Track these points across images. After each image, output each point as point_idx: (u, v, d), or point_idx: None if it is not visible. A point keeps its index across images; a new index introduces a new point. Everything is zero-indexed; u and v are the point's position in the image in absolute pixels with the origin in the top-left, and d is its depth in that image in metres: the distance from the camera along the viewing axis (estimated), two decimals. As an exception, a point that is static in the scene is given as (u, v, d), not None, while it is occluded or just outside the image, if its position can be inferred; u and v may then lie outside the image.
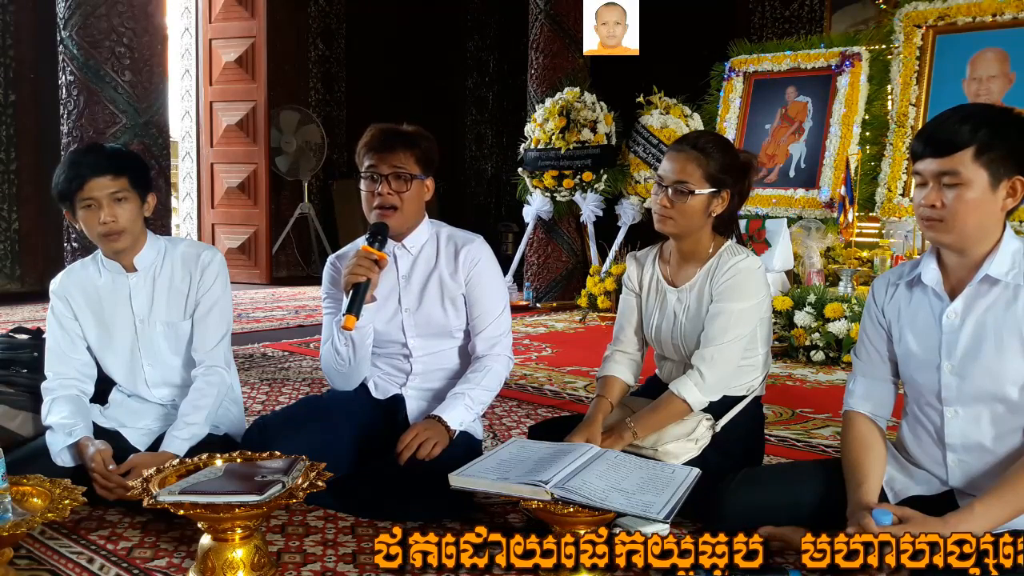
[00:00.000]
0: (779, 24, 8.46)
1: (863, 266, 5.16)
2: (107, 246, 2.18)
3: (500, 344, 2.28)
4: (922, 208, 1.62)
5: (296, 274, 8.84)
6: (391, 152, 2.16)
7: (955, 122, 1.58)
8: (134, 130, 3.81)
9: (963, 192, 1.56)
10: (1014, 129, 1.58)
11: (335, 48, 9.37)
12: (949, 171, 1.57)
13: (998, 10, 5.20)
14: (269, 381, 3.80)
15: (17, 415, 2.29)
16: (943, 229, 1.61)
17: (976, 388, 1.64)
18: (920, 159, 1.63)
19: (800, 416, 3.27)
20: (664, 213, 2.15)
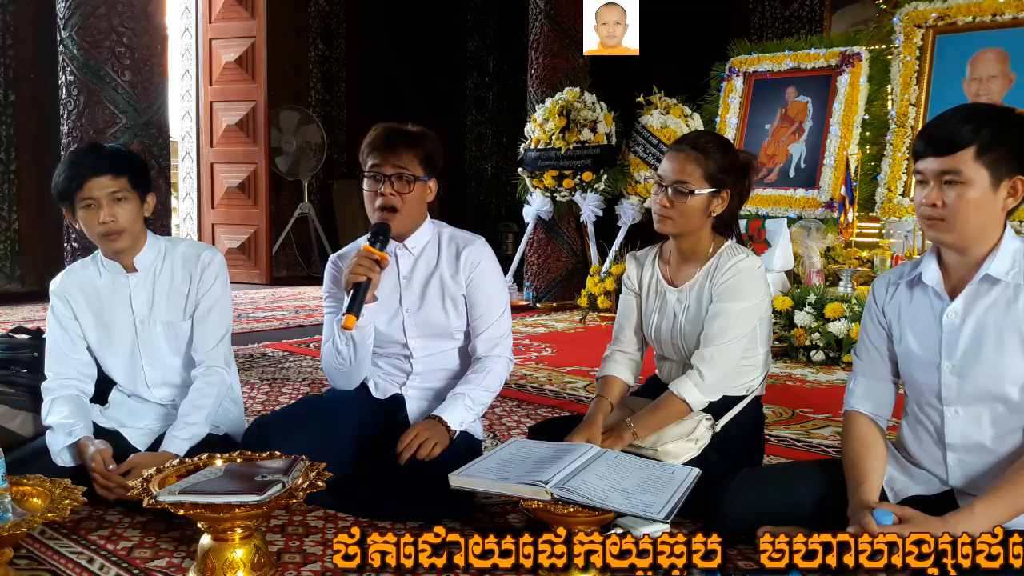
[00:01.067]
0: (779, 24, 8.45)
1: (863, 266, 5.16)
2: (107, 246, 2.18)
3: (500, 345, 2.28)
4: (923, 207, 1.62)
5: (296, 274, 8.84)
6: (394, 152, 2.15)
7: (957, 121, 1.58)
8: (134, 130, 3.81)
9: (964, 191, 1.57)
10: (1016, 129, 1.58)
11: (335, 48, 9.37)
12: (951, 170, 1.57)
13: (998, 10, 5.20)
14: (269, 381, 3.80)
15: (17, 415, 2.29)
16: (944, 228, 1.61)
17: (976, 388, 1.64)
18: (922, 158, 1.63)
19: (800, 416, 3.27)
20: (664, 213, 2.15)
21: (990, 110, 1.63)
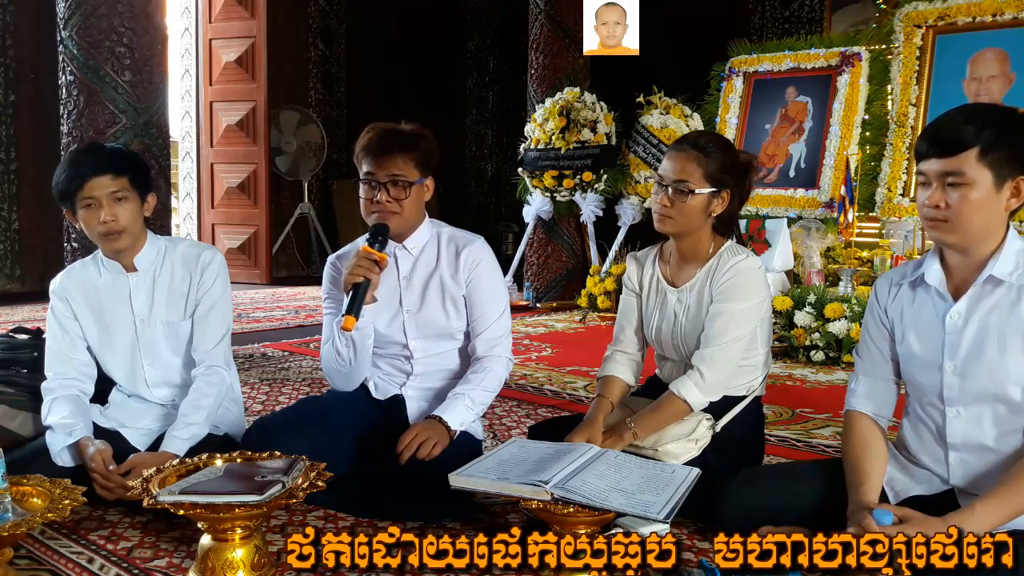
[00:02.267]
0: (779, 24, 8.46)
1: (863, 266, 5.16)
2: (107, 246, 2.18)
3: (500, 346, 2.27)
4: (926, 208, 1.61)
5: (296, 274, 8.84)
6: (389, 158, 2.12)
7: (959, 122, 1.58)
8: (134, 130, 3.81)
9: (967, 192, 1.56)
10: (1019, 129, 1.58)
11: (335, 48, 9.37)
12: (954, 171, 1.56)
13: (998, 10, 5.20)
14: (269, 381, 3.80)
15: (17, 415, 2.29)
16: (947, 229, 1.61)
17: (978, 388, 1.63)
18: (924, 159, 1.62)
19: (800, 416, 3.26)
20: (664, 213, 2.15)
21: (993, 110, 1.62)
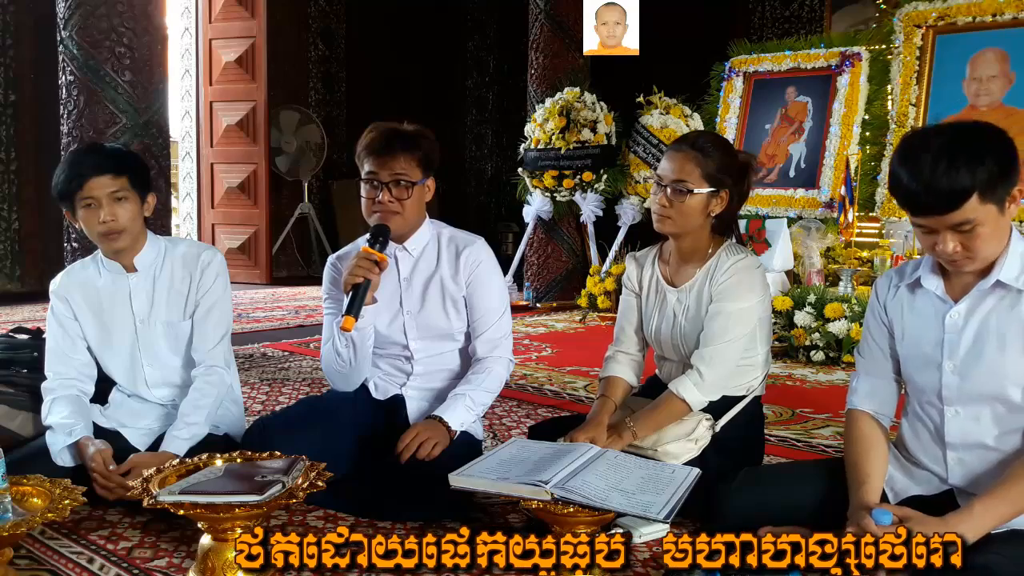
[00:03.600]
0: (779, 24, 8.46)
1: (863, 266, 5.16)
2: (107, 246, 2.18)
3: (501, 346, 2.27)
4: (943, 255, 1.57)
5: (296, 274, 8.84)
6: (392, 157, 2.12)
7: (944, 172, 1.48)
8: (134, 130, 3.81)
9: (980, 230, 1.53)
10: (995, 152, 1.52)
11: (335, 48, 9.37)
12: (962, 221, 1.51)
13: (998, 10, 5.20)
14: (269, 381, 3.80)
15: (17, 415, 2.28)
16: (970, 264, 1.59)
17: (977, 388, 1.63)
18: (922, 215, 1.55)
19: (800, 416, 3.26)
20: (663, 212, 2.15)
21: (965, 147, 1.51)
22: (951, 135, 1.53)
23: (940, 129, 1.58)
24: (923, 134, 1.58)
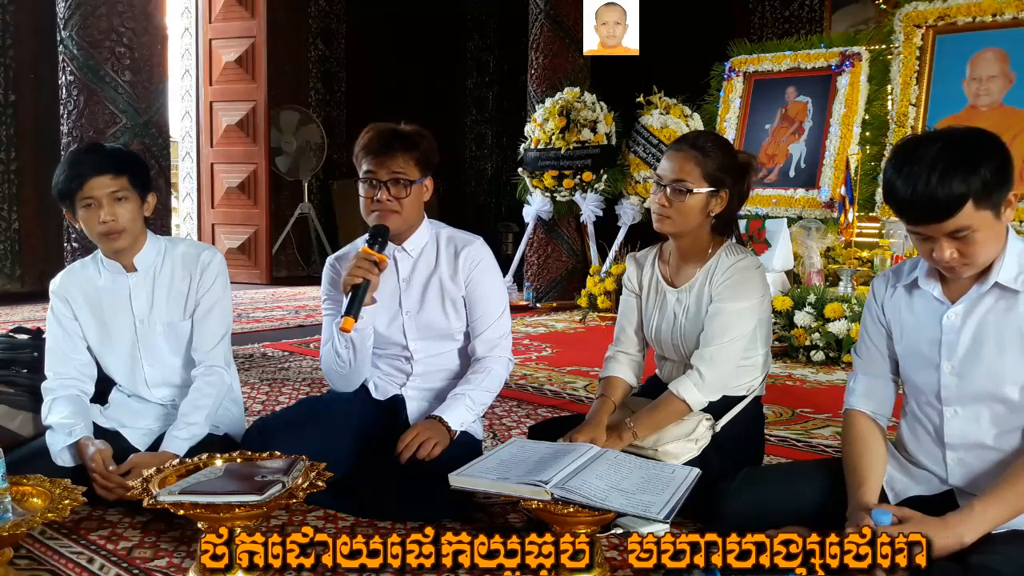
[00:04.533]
0: (779, 24, 8.46)
1: (863, 266, 5.16)
2: (107, 245, 2.18)
3: (500, 346, 2.27)
4: (940, 262, 1.58)
5: (296, 274, 8.84)
6: (390, 157, 2.13)
7: (938, 182, 1.48)
8: (134, 130, 3.81)
9: (976, 236, 1.53)
10: (990, 159, 1.52)
11: (335, 48, 9.37)
12: (957, 228, 1.52)
13: (998, 10, 5.20)
14: (269, 381, 3.80)
15: (17, 415, 2.29)
16: (968, 270, 1.59)
17: (976, 388, 1.63)
18: (918, 224, 1.56)
19: (800, 416, 3.27)
20: (662, 212, 2.15)
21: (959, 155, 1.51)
22: (944, 143, 1.52)
23: (933, 136, 1.57)
24: (916, 142, 1.57)
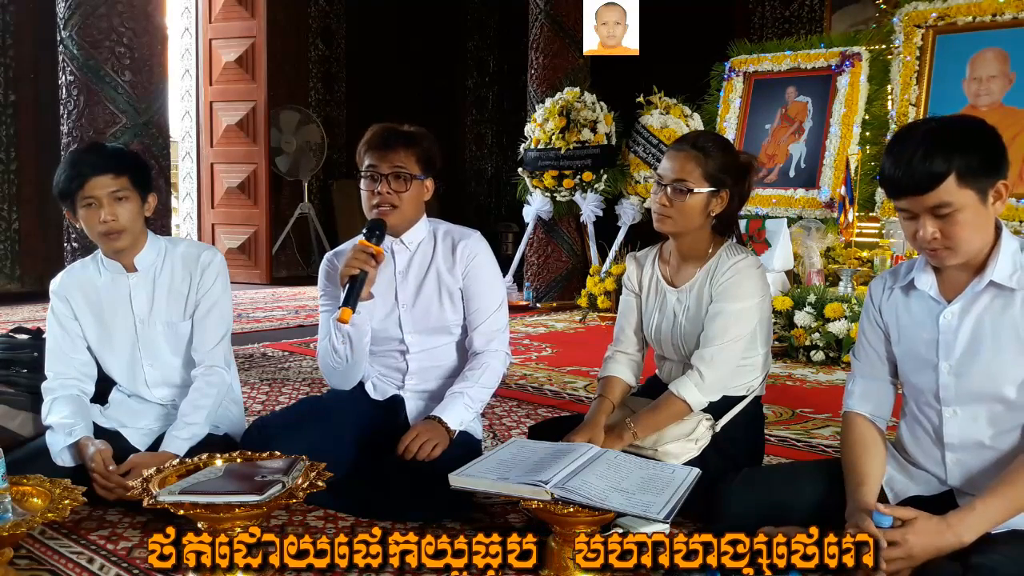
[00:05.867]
0: (779, 24, 8.46)
1: (863, 266, 5.16)
2: (107, 245, 2.19)
3: (497, 339, 2.27)
4: (922, 241, 1.59)
5: (296, 274, 8.84)
6: (392, 151, 2.16)
7: (923, 157, 1.53)
8: (134, 130, 3.81)
9: (958, 216, 1.55)
10: (978, 142, 1.56)
11: (335, 48, 9.37)
12: (939, 204, 1.54)
13: (998, 10, 5.20)
14: (269, 381, 3.80)
15: (17, 415, 2.29)
16: (950, 255, 1.59)
17: (974, 388, 1.64)
18: (901, 197, 1.59)
19: (800, 416, 3.27)
20: (663, 212, 2.15)
21: (947, 133, 1.57)
22: (936, 124, 1.60)
23: (928, 120, 1.64)
24: (912, 125, 1.66)
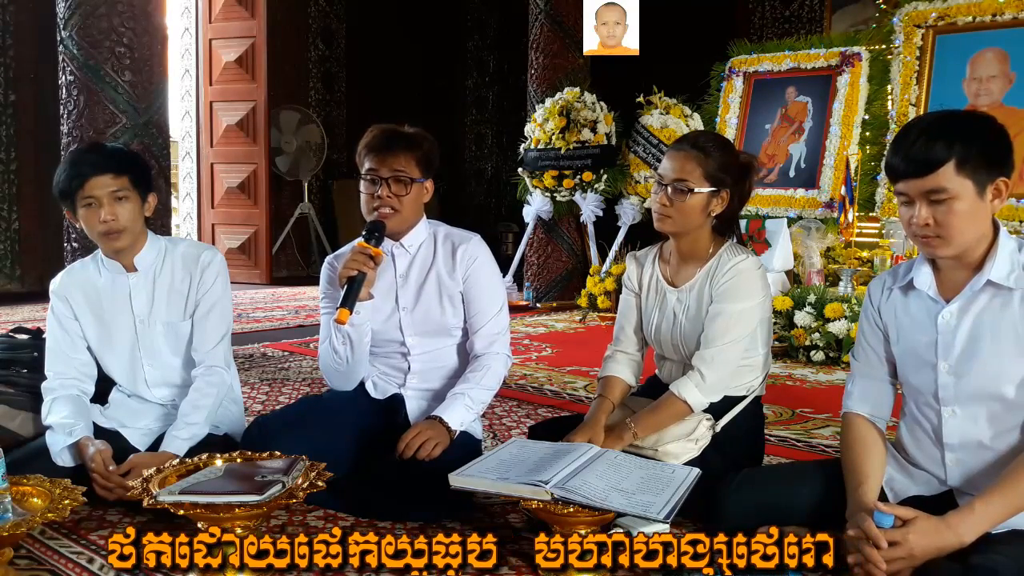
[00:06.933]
0: (779, 24, 8.46)
1: (863, 266, 5.16)
2: (107, 245, 2.19)
3: (498, 342, 2.27)
4: (915, 227, 1.60)
5: (296, 274, 8.84)
6: (392, 155, 2.15)
7: (925, 142, 1.56)
8: (134, 130, 3.81)
9: (954, 205, 1.55)
10: (983, 134, 1.57)
11: (335, 48, 9.37)
12: (935, 188, 1.55)
13: (998, 10, 5.20)
14: (269, 381, 3.80)
15: (17, 415, 2.29)
16: (942, 245, 1.60)
17: (973, 388, 1.64)
18: (900, 180, 1.61)
19: (800, 416, 3.27)
20: (663, 212, 2.15)
21: (953, 122, 1.60)
22: (945, 113, 1.64)
23: (940, 110, 1.69)
24: (919, 117, 1.73)
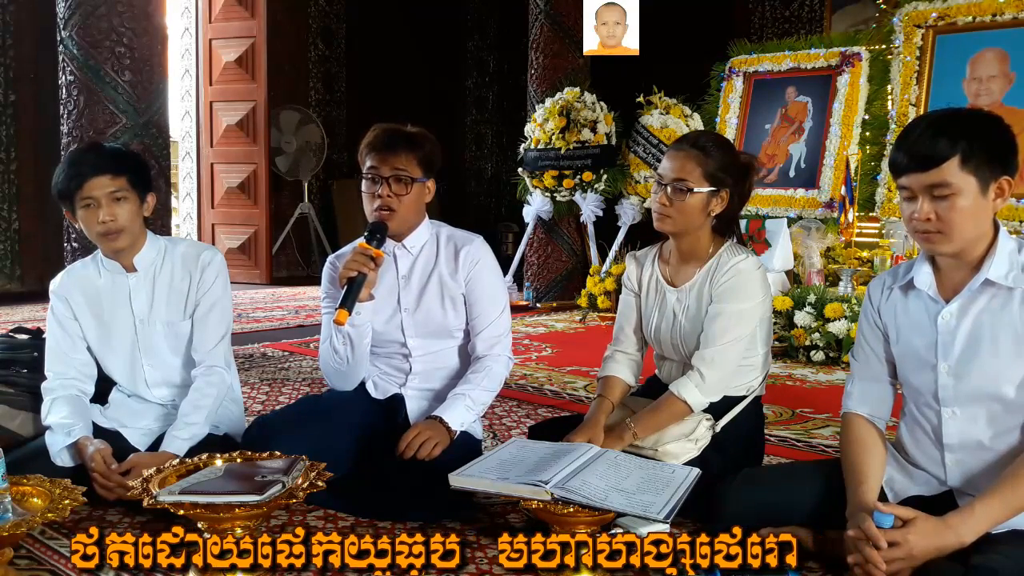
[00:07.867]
0: (779, 24, 8.45)
1: (863, 266, 5.16)
2: (106, 245, 2.19)
3: (500, 344, 2.28)
4: (916, 223, 1.60)
5: (296, 274, 8.84)
6: (393, 154, 2.15)
7: (930, 136, 1.56)
8: (134, 130, 3.81)
9: (956, 201, 1.56)
10: (989, 132, 1.58)
11: (335, 48, 9.37)
12: (938, 183, 1.55)
13: (998, 10, 5.20)
14: (269, 381, 3.80)
15: (17, 415, 2.29)
16: (942, 240, 1.60)
17: (973, 388, 1.64)
18: (904, 174, 1.61)
19: (800, 416, 3.27)
20: (663, 211, 2.15)
21: (959, 119, 1.61)
22: (953, 110, 1.64)
23: (944, 108, 1.67)
24: (927, 112, 1.71)
